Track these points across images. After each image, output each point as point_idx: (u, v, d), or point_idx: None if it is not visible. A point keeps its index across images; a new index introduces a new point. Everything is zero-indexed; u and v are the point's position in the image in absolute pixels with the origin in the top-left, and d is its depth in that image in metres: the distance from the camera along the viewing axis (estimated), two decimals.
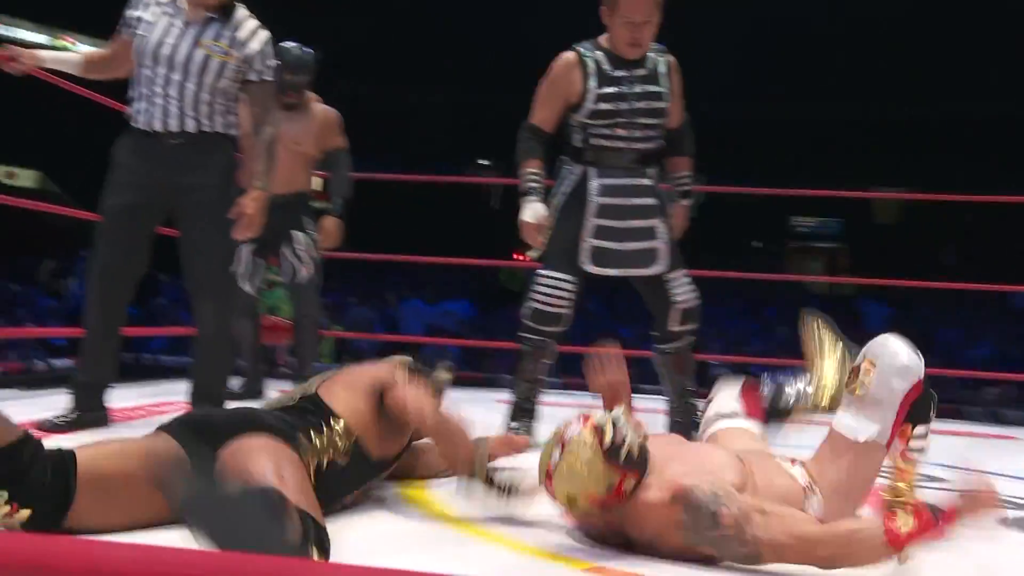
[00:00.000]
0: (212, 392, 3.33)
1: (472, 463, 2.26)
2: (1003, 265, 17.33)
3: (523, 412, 3.39)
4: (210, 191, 3.19)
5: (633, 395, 2.40)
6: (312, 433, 2.07)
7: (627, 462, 1.93)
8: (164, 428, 2.03)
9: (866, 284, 15.64)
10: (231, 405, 3.38)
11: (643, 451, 1.99)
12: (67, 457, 1.84)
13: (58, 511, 1.79)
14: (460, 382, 5.94)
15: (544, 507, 2.29)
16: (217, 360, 3.32)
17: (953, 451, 3.74)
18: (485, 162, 22.13)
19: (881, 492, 2.22)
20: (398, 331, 13.87)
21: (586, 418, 2.01)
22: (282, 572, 0.83)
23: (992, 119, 19.74)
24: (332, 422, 2.13)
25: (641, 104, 3.30)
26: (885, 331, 2.38)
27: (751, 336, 13.95)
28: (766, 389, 2.56)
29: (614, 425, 1.98)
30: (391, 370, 2.34)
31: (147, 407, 3.90)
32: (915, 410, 2.22)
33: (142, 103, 3.16)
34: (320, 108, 4.54)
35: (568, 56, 3.33)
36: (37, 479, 1.76)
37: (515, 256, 22.03)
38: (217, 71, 3.17)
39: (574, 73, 3.29)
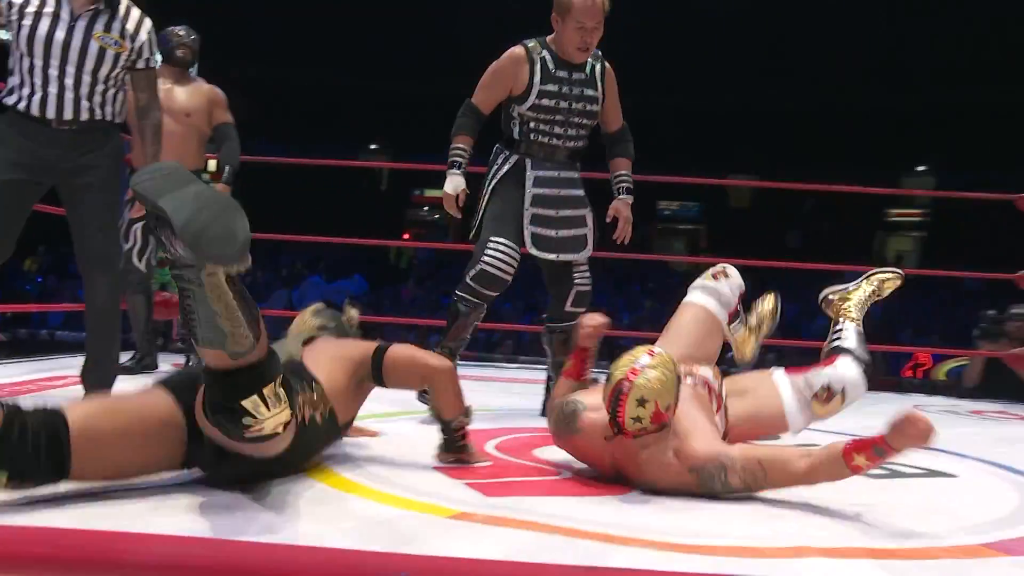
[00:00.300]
0: (104, 365, 3.20)
1: (465, 410, 2.42)
2: (840, 247, 18.04)
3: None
4: (100, 171, 3.11)
5: (513, 365, 2.41)
6: (305, 388, 2.08)
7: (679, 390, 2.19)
8: (162, 383, 1.96)
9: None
10: (124, 379, 3.26)
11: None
12: (59, 423, 1.75)
13: (56, 479, 1.75)
14: None
15: (415, 463, 2.28)
16: (110, 333, 3.23)
17: None
18: (375, 146, 21.89)
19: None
20: (297, 307, 13.60)
21: (651, 351, 2.18)
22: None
23: (833, 110, 20.42)
24: (315, 386, 2.13)
25: (578, 105, 3.34)
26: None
27: (621, 311, 14.14)
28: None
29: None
30: (376, 342, 2.37)
31: (38, 381, 3.73)
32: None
33: (27, 90, 3.02)
34: (207, 86, 4.55)
35: (518, 50, 3.34)
36: (32, 455, 1.70)
37: (405, 236, 21.99)
38: (112, 62, 3.09)
39: (521, 67, 3.31)
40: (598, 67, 3.41)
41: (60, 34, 3.01)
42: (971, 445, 3.22)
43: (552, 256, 3.35)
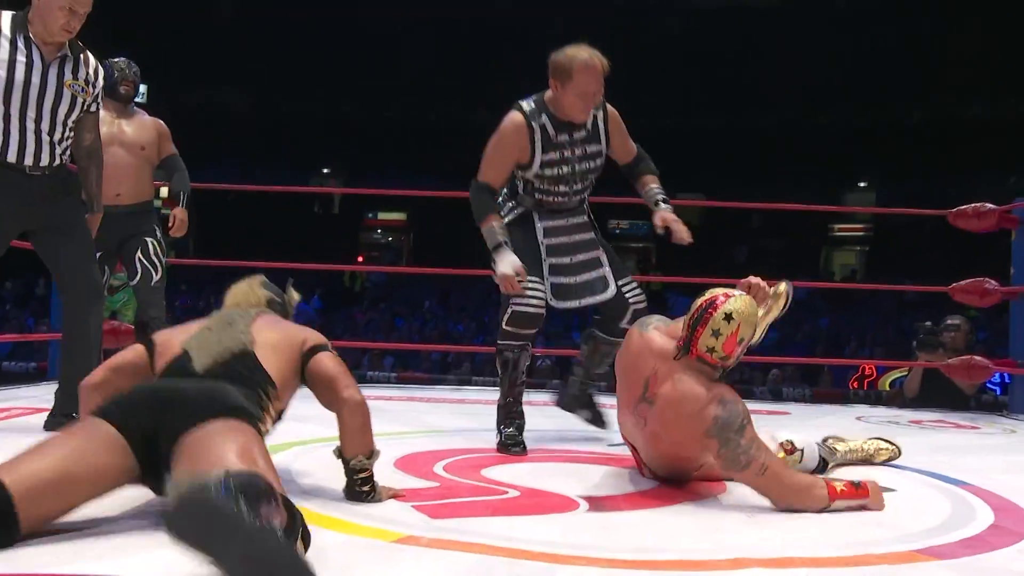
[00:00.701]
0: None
1: (368, 452, 2.17)
2: (787, 262, 18.31)
3: (514, 415, 3.21)
4: (78, 213, 3.19)
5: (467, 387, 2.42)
6: (261, 404, 2.01)
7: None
8: (100, 413, 1.86)
9: (671, 280, 16.29)
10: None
11: None
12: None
13: (5, 544, 1.67)
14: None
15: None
16: (97, 359, 3.19)
17: None
18: (327, 170, 21.83)
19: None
20: None
21: (727, 295, 2.35)
22: None
23: (777, 130, 20.75)
24: (270, 391, 2.06)
25: (582, 165, 3.24)
26: None
27: (573, 329, 14.19)
28: None
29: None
30: (316, 336, 2.28)
31: None
32: None
33: (1, 137, 3.00)
34: (150, 119, 4.48)
35: (517, 121, 3.17)
36: None
37: (359, 259, 21.92)
38: (79, 108, 3.12)
39: (522, 138, 3.16)
40: (599, 115, 3.27)
41: (36, 80, 2.99)
42: (908, 456, 3.28)
43: (575, 303, 3.26)
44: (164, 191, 5.73)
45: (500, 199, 3.29)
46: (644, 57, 21.00)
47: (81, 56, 3.13)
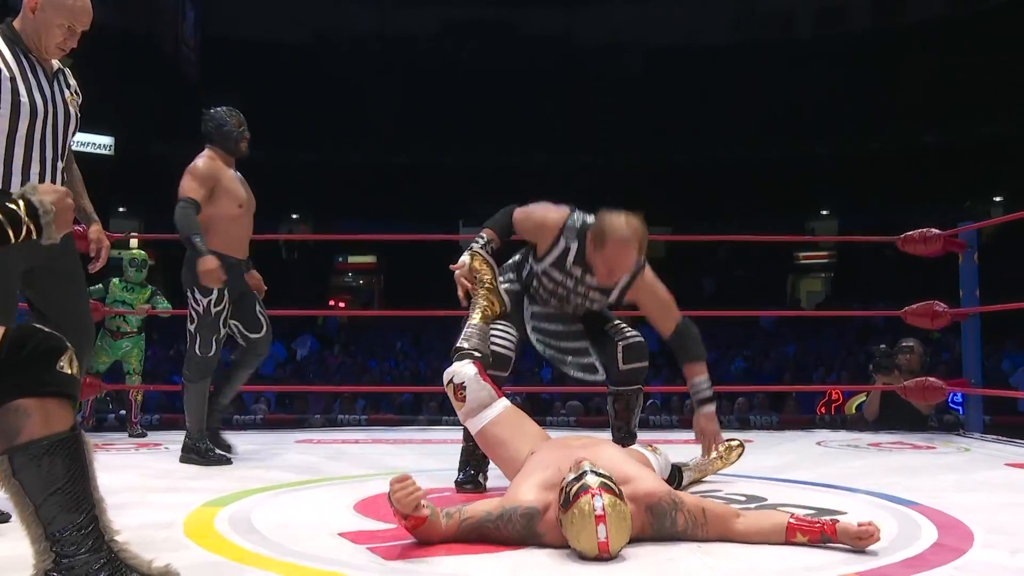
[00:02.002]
0: None
1: None
2: (754, 291, 18.46)
3: (476, 456, 3.12)
4: (74, 246, 2.82)
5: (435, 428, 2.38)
6: None
7: None
8: None
9: (639, 315, 16.34)
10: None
11: None
12: None
13: None
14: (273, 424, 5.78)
15: (319, 530, 2.29)
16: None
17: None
18: (295, 216, 21.83)
19: None
20: None
21: (593, 492, 2.04)
22: None
23: (740, 162, 21.01)
24: None
25: (577, 300, 3.15)
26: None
27: (544, 367, 14.21)
28: None
29: (603, 475, 2.10)
30: None
31: None
32: None
33: (18, 171, 2.60)
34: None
35: (557, 222, 3.07)
36: None
37: (330, 302, 21.87)
38: (76, 123, 2.80)
39: (547, 237, 3.07)
40: (623, 280, 3.09)
41: (47, 103, 2.65)
42: (862, 478, 3.34)
43: (559, 365, 3.26)
44: (134, 242, 5.73)
45: (504, 266, 3.26)
46: (605, 95, 21.28)
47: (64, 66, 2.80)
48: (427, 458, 3.98)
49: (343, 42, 22.18)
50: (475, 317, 3.00)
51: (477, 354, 2.88)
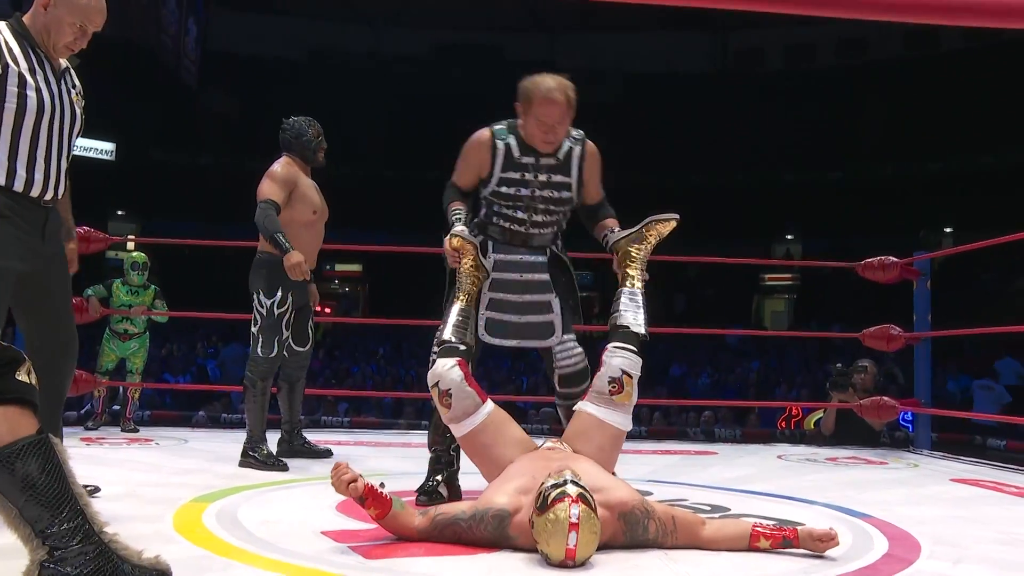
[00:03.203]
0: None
1: None
2: (722, 310, 18.57)
3: (441, 465, 3.03)
4: (61, 250, 2.67)
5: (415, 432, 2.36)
6: None
7: None
8: None
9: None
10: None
11: None
12: None
13: None
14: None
15: (303, 528, 2.28)
16: (60, 419, 2.79)
17: (671, 468, 3.99)
18: None
19: None
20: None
21: (572, 499, 2.04)
22: None
23: (710, 188, 21.18)
24: None
25: (544, 192, 2.98)
26: None
27: (520, 375, 14.22)
28: None
29: (582, 487, 2.10)
30: None
31: None
32: None
33: (22, 167, 2.45)
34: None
35: (482, 136, 3.01)
36: None
37: (316, 309, 21.78)
38: (81, 124, 2.63)
39: (484, 153, 2.98)
40: (576, 150, 3.03)
41: (55, 103, 2.50)
42: (820, 491, 3.36)
43: (512, 343, 3.01)
44: (131, 244, 5.69)
45: (469, 224, 3.05)
46: (584, 120, 21.33)
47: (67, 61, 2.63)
48: (406, 461, 3.98)
49: (337, 60, 22.20)
50: (461, 299, 2.87)
51: (462, 347, 2.76)
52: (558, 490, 2.05)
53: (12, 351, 1.67)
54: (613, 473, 2.59)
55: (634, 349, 2.70)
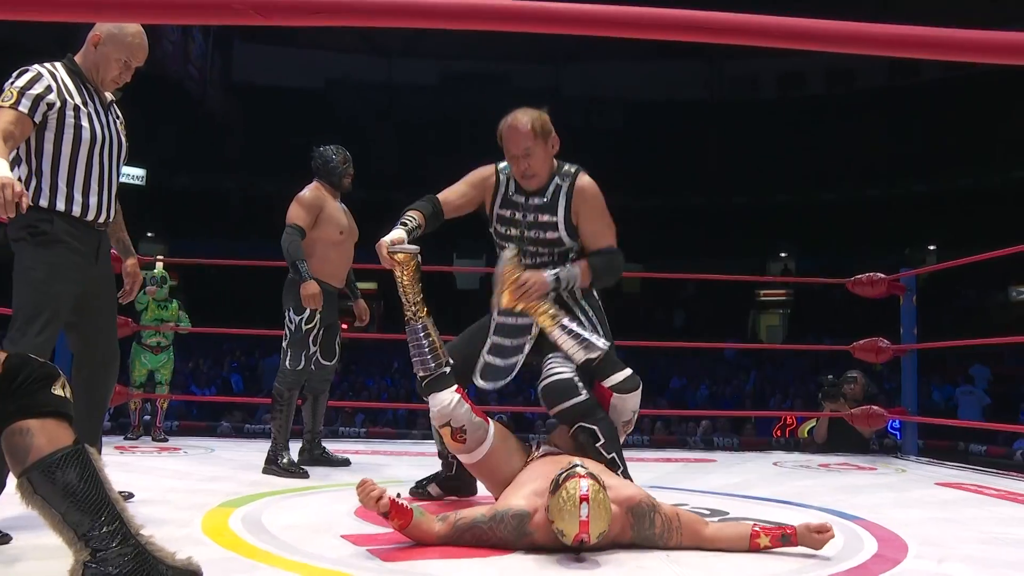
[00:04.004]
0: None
1: None
2: (719, 325, 18.54)
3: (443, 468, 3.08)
4: (110, 270, 2.73)
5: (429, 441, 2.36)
6: None
7: None
8: None
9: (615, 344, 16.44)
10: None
11: None
12: None
13: None
14: None
15: (324, 532, 2.29)
16: (100, 433, 2.85)
17: (672, 475, 3.99)
18: None
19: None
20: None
21: (580, 475, 2.07)
22: None
23: (706, 208, 21.20)
24: None
25: (531, 232, 2.82)
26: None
27: (528, 388, 14.21)
28: None
29: (590, 470, 2.14)
30: None
31: None
32: None
33: (79, 193, 2.53)
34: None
35: (488, 168, 2.93)
36: None
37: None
38: (126, 152, 2.73)
39: (487, 182, 2.89)
40: (564, 187, 2.82)
41: (99, 128, 2.59)
42: (813, 495, 3.37)
43: (490, 385, 2.89)
44: (159, 265, 5.73)
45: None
46: (590, 144, 21.43)
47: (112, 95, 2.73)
48: (420, 469, 3.96)
49: (351, 89, 22.33)
50: (417, 317, 2.68)
51: (447, 369, 2.65)
52: (567, 472, 2.10)
53: (49, 367, 1.70)
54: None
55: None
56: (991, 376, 12.90)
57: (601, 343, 2.71)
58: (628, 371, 2.72)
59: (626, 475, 2.61)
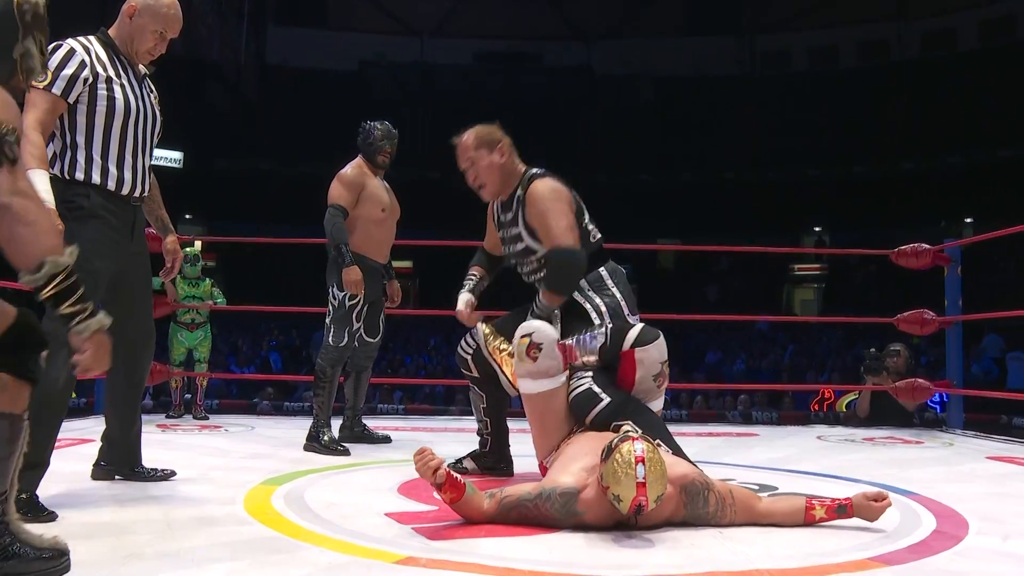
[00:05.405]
0: (135, 431, 2.79)
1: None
2: (753, 299, 18.30)
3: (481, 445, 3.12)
4: (144, 248, 2.69)
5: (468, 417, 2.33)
6: None
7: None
8: None
9: (650, 317, 16.31)
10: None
11: None
12: None
13: None
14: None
15: (367, 511, 2.23)
16: (139, 411, 2.81)
17: (715, 450, 3.89)
18: None
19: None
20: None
21: (634, 438, 2.02)
22: None
23: (741, 184, 20.88)
24: None
25: (509, 247, 2.92)
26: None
27: None
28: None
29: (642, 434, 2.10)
30: None
31: None
32: None
33: (113, 165, 2.48)
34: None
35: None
36: None
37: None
38: (161, 126, 2.67)
39: (490, 212, 3.02)
40: (520, 195, 2.82)
41: (141, 106, 2.55)
42: (862, 470, 3.26)
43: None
44: (198, 244, 5.70)
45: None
46: (623, 121, 21.20)
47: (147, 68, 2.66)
48: (462, 445, 3.90)
49: (385, 70, 22.22)
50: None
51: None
52: (621, 436, 2.03)
53: (41, 335, 1.64)
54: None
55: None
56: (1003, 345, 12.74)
57: (599, 336, 2.61)
58: (640, 325, 2.61)
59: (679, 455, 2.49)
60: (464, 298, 3.01)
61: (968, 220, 19.48)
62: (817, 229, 21.62)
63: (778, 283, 21.18)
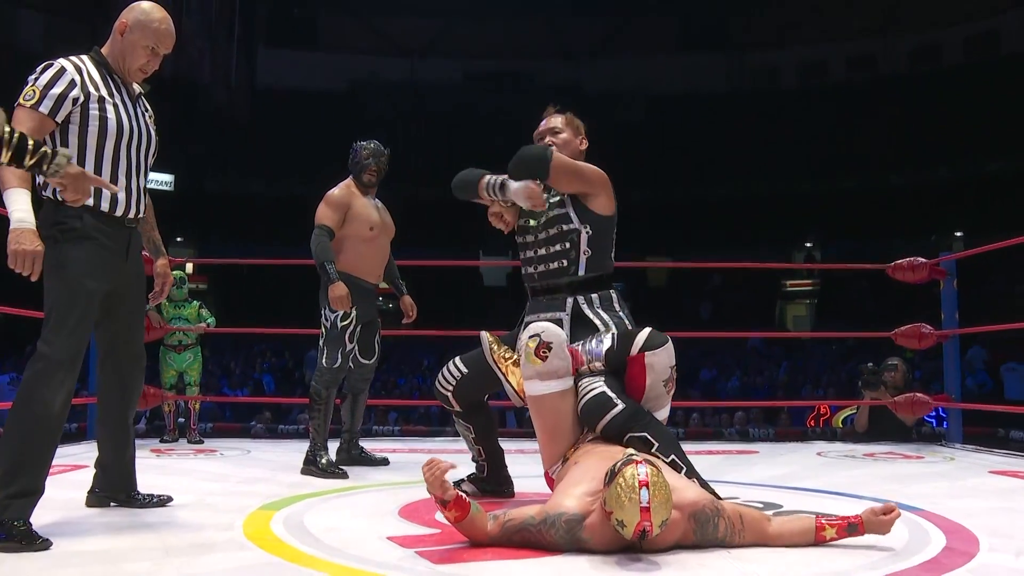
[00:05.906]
0: (129, 455, 2.74)
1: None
2: (745, 315, 18.31)
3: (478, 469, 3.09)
4: (140, 270, 2.65)
5: None
6: None
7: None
8: None
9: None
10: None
11: None
12: None
13: None
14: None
15: (369, 534, 2.19)
16: (133, 435, 2.77)
17: (716, 468, 3.86)
18: None
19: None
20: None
21: (637, 461, 1.97)
22: None
23: (732, 200, 20.93)
24: None
25: (540, 235, 2.85)
26: None
27: None
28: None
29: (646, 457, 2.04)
30: None
31: None
32: None
33: (103, 178, 2.42)
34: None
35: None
36: None
37: None
38: (156, 146, 2.63)
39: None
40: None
41: (127, 121, 2.50)
42: (864, 486, 3.23)
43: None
44: (189, 267, 5.65)
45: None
46: (613, 138, 21.25)
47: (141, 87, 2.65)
48: (461, 467, 3.87)
49: (376, 90, 22.28)
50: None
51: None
52: (624, 459, 1.98)
53: None
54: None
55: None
56: (986, 357, 12.78)
57: (605, 340, 2.58)
58: (648, 329, 2.56)
59: (692, 474, 2.43)
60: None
61: (958, 233, 19.58)
62: (808, 244, 21.69)
63: (771, 299, 21.21)
